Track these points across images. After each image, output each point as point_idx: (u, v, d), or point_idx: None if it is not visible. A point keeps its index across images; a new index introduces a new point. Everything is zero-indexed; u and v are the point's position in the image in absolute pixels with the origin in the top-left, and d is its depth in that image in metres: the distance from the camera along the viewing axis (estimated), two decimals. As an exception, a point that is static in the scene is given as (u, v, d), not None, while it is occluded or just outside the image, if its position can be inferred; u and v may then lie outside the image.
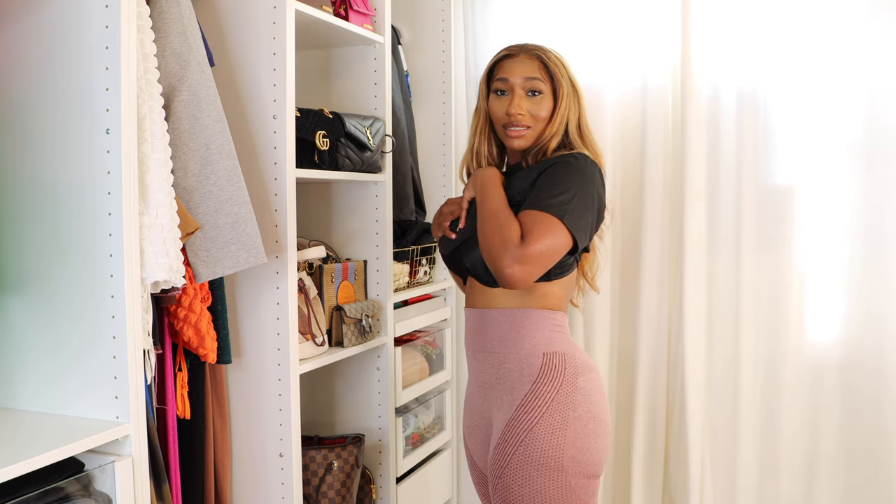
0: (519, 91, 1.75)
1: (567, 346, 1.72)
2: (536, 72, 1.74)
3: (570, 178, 1.65)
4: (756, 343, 2.54)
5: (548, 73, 1.74)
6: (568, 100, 1.75)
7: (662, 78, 2.59)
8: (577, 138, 1.77)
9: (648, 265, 2.61)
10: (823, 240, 2.47)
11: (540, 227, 1.59)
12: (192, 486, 1.86)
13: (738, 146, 2.51)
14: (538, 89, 1.74)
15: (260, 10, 1.91)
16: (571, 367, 1.69)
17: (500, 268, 1.58)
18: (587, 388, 1.69)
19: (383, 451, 2.40)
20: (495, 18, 2.82)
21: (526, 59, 1.75)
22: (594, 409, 1.68)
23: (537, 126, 1.75)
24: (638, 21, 2.61)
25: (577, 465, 1.65)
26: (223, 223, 1.70)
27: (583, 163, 1.69)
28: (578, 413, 1.66)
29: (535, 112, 1.74)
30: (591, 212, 1.66)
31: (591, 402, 1.68)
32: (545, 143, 1.75)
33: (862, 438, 2.45)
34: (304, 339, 2.07)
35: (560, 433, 1.64)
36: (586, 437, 1.66)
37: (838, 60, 2.41)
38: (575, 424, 1.65)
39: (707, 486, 2.58)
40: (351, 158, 2.16)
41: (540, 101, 1.74)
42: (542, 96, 1.74)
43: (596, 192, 1.67)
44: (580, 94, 1.79)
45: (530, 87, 1.74)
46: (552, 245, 1.59)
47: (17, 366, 1.57)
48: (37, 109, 1.52)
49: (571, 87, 1.76)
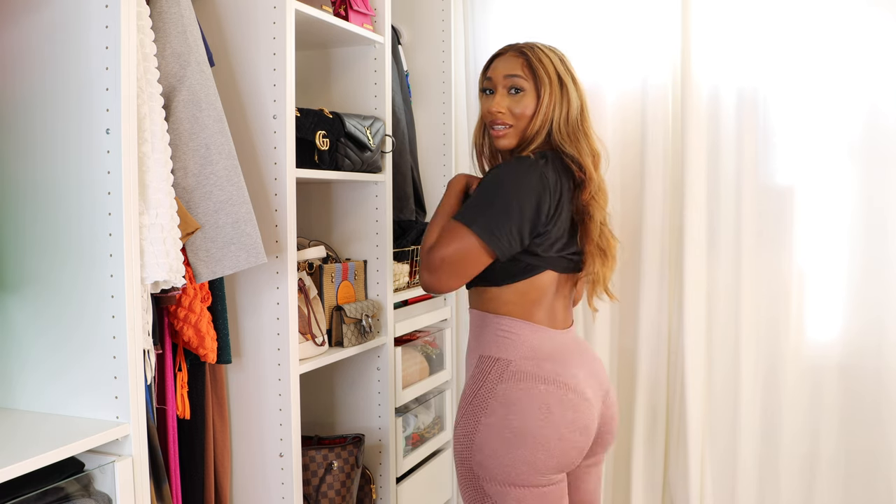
0: (501, 89, 1.73)
1: (510, 352, 1.68)
2: (518, 69, 1.71)
3: (493, 186, 1.64)
4: (756, 343, 2.54)
5: (531, 70, 1.71)
6: (551, 97, 1.70)
7: (662, 78, 2.59)
8: (564, 137, 1.70)
9: (648, 265, 2.61)
10: (823, 240, 2.47)
11: (447, 234, 1.63)
12: (192, 486, 1.86)
13: (738, 146, 2.51)
14: (519, 87, 1.71)
15: (260, 10, 1.91)
16: (496, 374, 1.66)
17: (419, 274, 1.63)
18: (512, 397, 1.63)
19: (383, 451, 2.40)
20: (495, 18, 2.82)
21: (511, 56, 1.74)
22: (513, 419, 1.62)
23: (519, 124, 1.72)
24: (638, 21, 2.61)
25: (485, 471, 1.64)
26: (223, 223, 1.70)
27: (514, 168, 1.65)
28: (491, 420, 1.63)
29: (515, 110, 1.71)
30: (514, 218, 1.60)
31: (512, 412, 1.62)
32: (527, 143, 1.72)
33: (862, 438, 2.45)
34: (304, 339, 2.07)
35: (470, 437, 1.66)
36: (498, 445, 1.62)
37: (838, 60, 2.41)
38: (485, 431, 1.63)
39: (707, 486, 2.58)
40: (351, 158, 2.16)
41: (521, 99, 1.71)
42: (523, 94, 1.71)
43: (521, 198, 1.61)
44: (574, 91, 1.73)
45: (511, 84, 1.72)
46: (458, 251, 1.61)
47: (18, 366, 1.57)
48: (37, 109, 1.52)
49: (559, 84, 1.71)
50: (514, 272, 1.68)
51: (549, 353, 1.69)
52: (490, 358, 1.69)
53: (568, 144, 1.70)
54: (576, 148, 1.70)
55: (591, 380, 1.72)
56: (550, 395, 1.63)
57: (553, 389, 1.64)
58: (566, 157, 1.70)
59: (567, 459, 1.66)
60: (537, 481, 1.63)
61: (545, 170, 1.64)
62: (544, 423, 1.62)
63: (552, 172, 1.65)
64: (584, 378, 1.70)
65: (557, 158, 1.70)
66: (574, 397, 1.65)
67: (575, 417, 1.64)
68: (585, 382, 1.69)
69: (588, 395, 1.68)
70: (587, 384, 1.70)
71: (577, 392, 1.66)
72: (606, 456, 2.72)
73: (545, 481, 1.64)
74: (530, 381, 1.64)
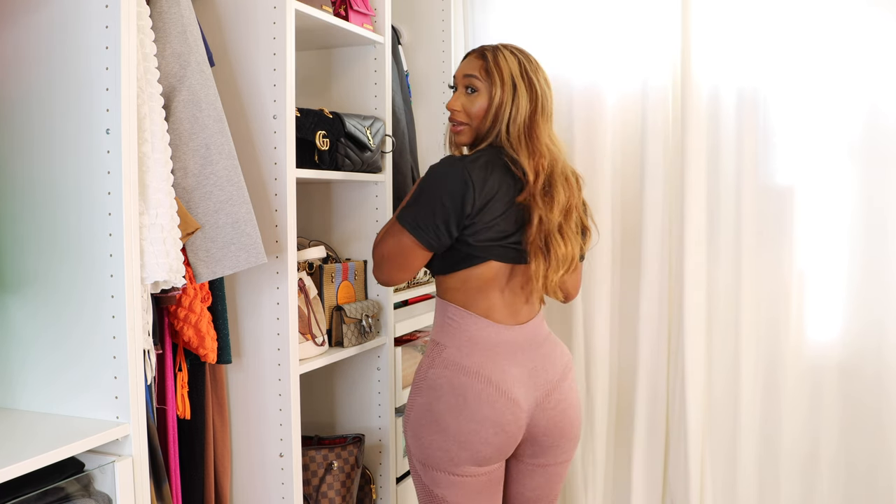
0: (461, 88, 1.82)
1: (448, 339, 1.77)
2: (476, 70, 1.79)
3: (421, 184, 1.75)
4: (756, 343, 2.54)
5: (486, 72, 1.77)
6: (502, 98, 1.75)
7: (662, 79, 2.59)
8: (508, 138, 1.75)
9: (649, 265, 2.61)
10: (823, 240, 2.47)
11: (386, 232, 1.79)
12: (192, 486, 1.86)
13: (738, 146, 2.51)
14: (474, 87, 1.79)
15: (260, 10, 1.91)
16: (431, 358, 1.77)
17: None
18: (437, 382, 1.73)
19: (383, 451, 2.40)
20: (495, 18, 2.82)
21: (473, 58, 1.81)
22: (434, 405, 1.72)
23: (473, 122, 1.80)
24: (638, 22, 2.61)
25: (414, 449, 1.77)
26: (223, 223, 1.70)
27: (439, 167, 1.74)
28: (419, 401, 1.76)
29: (470, 109, 1.79)
30: (438, 213, 1.69)
31: (434, 398, 1.72)
32: (480, 139, 1.80)
33: (862, 439, 2.45)
34: (304, 340, 2.07)
35: (406, 415, 1.80)
36: (420, 426, 1.75)
37: (838, 60, 2.41)
38: (415, 411, 1.76)
39: (707, 486, 2.58)
40: (351, 158, 2.16)
41: (475, 99, 1.79)
42: (476, 94, 1.79)
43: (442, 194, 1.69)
44: (525, 95, 1.75)
45: (468, 83, 1.80)
46: (393, 247, 1.76)
47: (18, 365, 1.57)
48: (36, 109, 1.52)
49: (512, 86, 1.75)
50: (453, 261, 1.76)
51: (483, 345, 1.74)
52: (433, 342, 1.80)
53: (508, 146, 1.76)
54: (515, 150, 1.74)
55: (526, 380, 1.74)
56: (468, 388, 1.70)
57: (472, 382, 1.70)
58: (506, 157, 1.75)
59: (481, 455, 1.71)
60: (452, 469, 1.72)
61: (470, 167, 1.70)
62: (458, 413, 1.70)
63: (480, 170, 1.70)
64: (517, 376, 1.73)
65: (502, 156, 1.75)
66: (492, 392, 1.70)
67: (490, 414, 1.69)
68: (516, 381, 1.72)
69: (514, 395, 1.71)
70: (517, 383, 1.72)
71: (500, 390, 1.70)
72: (605, 456, 2.73)
73: (460, 472, 1.72)
74: (454, 370, 1.73)
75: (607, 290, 2.67)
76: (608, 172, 2.65)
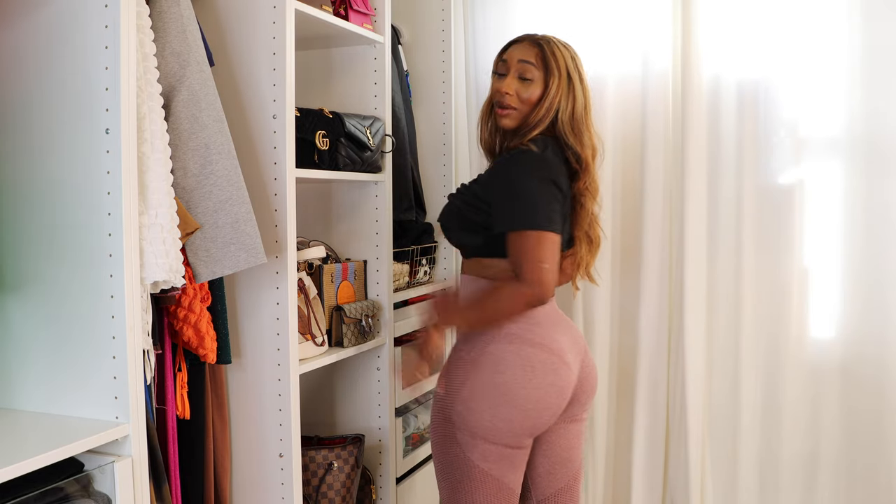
0: (513, 72, 1.83)
1: None
2: (532, 57, 1.82)
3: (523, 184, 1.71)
4: (756, 341, 2.53)
5: (543, 61, 1.80)
6: (558, 90, 1.80)
7: (663, 71, 2.59)
8: (568, 130, 1.81)
9: (649, 262, 2.61)
10: (824, 237, 2.47)
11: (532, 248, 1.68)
12: (192, 486, 1.86)
13: (739, 143, 2.50)
14: (529, 74, 1.81)
15: (260, 10, 1.90)
16: (489, 335, 1.76)
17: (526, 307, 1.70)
18: (500, 356, 1.74)
19: (383, 452, 2.40)
20: (495, 18, 2.82)
21: (528, 45, 1.84)
22: (499, 378, 1.73)
23: (523, 108, 1.82)
24: (638, 14, 2.61)
25: (463, 422, 1.75)
26: (223, 223, 1.69)
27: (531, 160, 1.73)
28: (481, 377, 1.74)
29: (523, 94, 1.81)
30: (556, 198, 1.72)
31: (499, 371, 1.73)
32: (529, 128, 1.81)
33: (863, 438, 2.44)
34: (304, 340, 2.07)
35: (457, 389, 1.76)
36: (481, 400, 1.73)
37: (839, 59, 2.40)
38: (472, 386, 1.74)
39: (707, 486, 2.58)
40: (351, 158, 2.16)
41: (529, 86, 1.81)
42: (531, 82, 1.81)
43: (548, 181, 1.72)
44: (580, 89, 1.83)
45: (523, 69, 1.82)
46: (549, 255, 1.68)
47: (17, 366, 1.57)
48: (36, 109, 1.52)
49: (567, 79, 1.81)
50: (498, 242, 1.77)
51: (538, 319, 1.78)
52: None
53: (571, 137, 1.81)
54: (579, 141, 1.81)
55: (572, 345, 1.83)
56: (535, 357, 1.74)
57: (538, 352, 1.75)
58: (567, 149, 1.81)
59: (541, 421, 1.77)
60: (509, 441, 1.74)
61: (552, 157, 1.77)
62: (527, 382, 1.73)
63: (554, 158, 1.77)
64: (566, 343, 1.81)
65: (557, 147, 1.81)
66: (556, 360, 1.76)
67: (554, 380, 1.75)
68: (567, 347, 1.80)
69: (568, 360, 1.79)
70: (568, 349, 1.81)
71: (559, 356, 1.77)
72: (605, 456, 2.73)
73: (515, 443, 1.75)
74: (519, 343, 1.75)
75: (608, 286, 2.67)
76: (608, 169, 2.65)
